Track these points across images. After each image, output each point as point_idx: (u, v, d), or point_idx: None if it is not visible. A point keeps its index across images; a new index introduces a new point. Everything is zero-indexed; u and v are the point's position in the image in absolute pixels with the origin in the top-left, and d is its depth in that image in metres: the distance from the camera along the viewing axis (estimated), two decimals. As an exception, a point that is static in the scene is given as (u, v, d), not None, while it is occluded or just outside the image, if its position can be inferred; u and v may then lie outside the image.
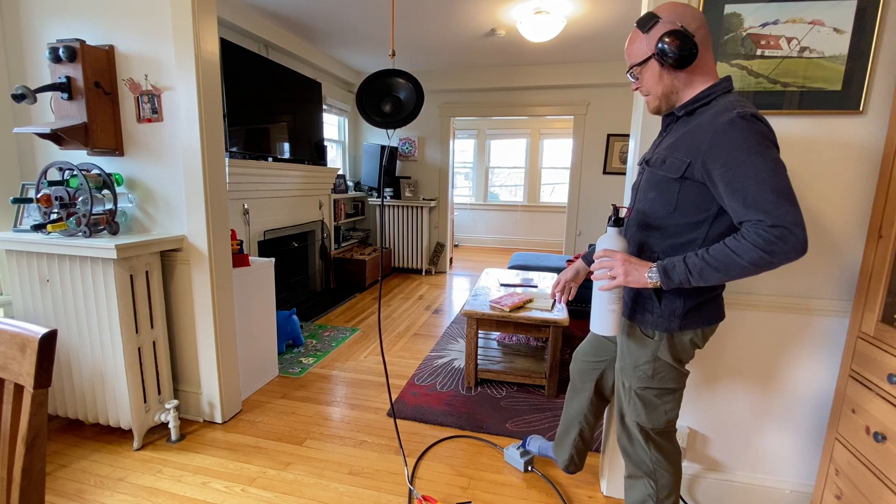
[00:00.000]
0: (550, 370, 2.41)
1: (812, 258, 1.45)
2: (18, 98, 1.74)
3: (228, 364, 2.14)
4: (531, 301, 2.60)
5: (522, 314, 2.40)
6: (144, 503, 1.62)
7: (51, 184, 1.84)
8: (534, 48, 4.09)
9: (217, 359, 2.06)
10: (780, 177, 0.91)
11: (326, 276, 4.49)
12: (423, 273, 5.54)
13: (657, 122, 1.47)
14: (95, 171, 1.86)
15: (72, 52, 1.76)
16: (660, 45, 0.99)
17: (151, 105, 1.91)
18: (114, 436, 2.00)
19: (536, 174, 7.63)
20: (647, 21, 1.03)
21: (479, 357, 2.70)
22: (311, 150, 3.98)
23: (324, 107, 4.59)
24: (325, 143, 4.27)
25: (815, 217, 1.43)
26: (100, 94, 1.86)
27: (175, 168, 1.94)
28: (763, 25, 1.35)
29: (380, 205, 5.34)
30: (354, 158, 5.55)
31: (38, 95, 1.84)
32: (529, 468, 1.83)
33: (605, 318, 1.15)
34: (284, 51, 3.78)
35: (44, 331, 0.72)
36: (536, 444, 1.83)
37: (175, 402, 1.97)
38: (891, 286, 1.24)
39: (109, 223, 1.88)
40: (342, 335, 3.31)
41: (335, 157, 5.24)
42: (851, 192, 1.39)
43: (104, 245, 1.70)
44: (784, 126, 1.40)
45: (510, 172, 7.85)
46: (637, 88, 1.12)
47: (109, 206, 1.90)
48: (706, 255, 0.97)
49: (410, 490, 1.71)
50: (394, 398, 2.39)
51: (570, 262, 3.93)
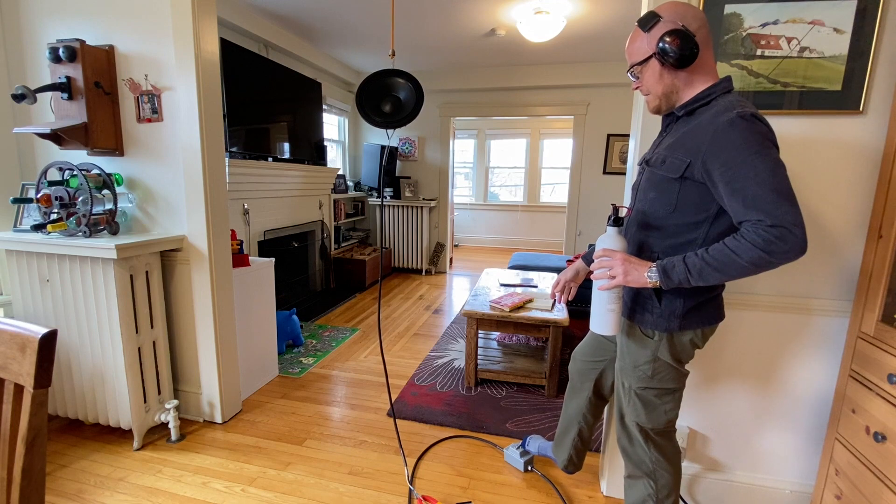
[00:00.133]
0: (550, 370, 2.41)
1: (812, 258, 1.45)
2: (18, 98, 1.75)
3: (228, 364, 2.14)
4: (531, 301, 2.60)
5: (522, 314, 2.40)
6: (144, 503, 1.62)
7: (51, 184, 1.84)
8: (534, 48, 4.09)
9: (217, 359, 2.06)
10: (780, 177, 0.91)
11: (326, 276, 4.49)
12: (423, 273, 5.53)
13: (657, 122, 1.47)
14: (95, 171, 1.86)
15: (72, 52, 1.76)
16: (661, 45, 0.99)
17: (151, 105, 1.91)
18: (114, 436, 2.00)
19: (536, 174, 7.63)
20: (649, 20, 1.03)
21: (479, 357, 2.70)
22: (311, 150, 3.98)
23: (324, 107, 4.59)
24: (325, 143, 4.27)
25: (816, 217, 1.43)
26: (100, 94, 1.86)
27: (175, 168, 1.94)
28: (763, 25, 1.35)
29: (380, 205, 5.34)
30: (354, 158, 5.55)
31: (38, 95, 1.84)
32: (529, 468, 1.83)
33: (605, 318, 1.14)
34: (284, 51, 3.78)
35: (44, 331, 0.72)
36: (536, 444, 1.83)
37: (175, 402, 1.97)
38: (891, 286, 1.24)
39: (109, 223, 1.88)
40: (342, 335, 3.31)
41: (335, 157, 5.24)
42: (851, 192, 1.39)
43: (104, 245, 1.70)
44: (784, 126, 1.40)
45: (510, 172, 7.84)
46: (637, 87, 1.12)
47: (109, 206, 1.90)
48: (706, 255, 0.97)
49: (410, 490, 1.71)
50: (394, 398, 2.39)
51: (570, 263, 3.93)
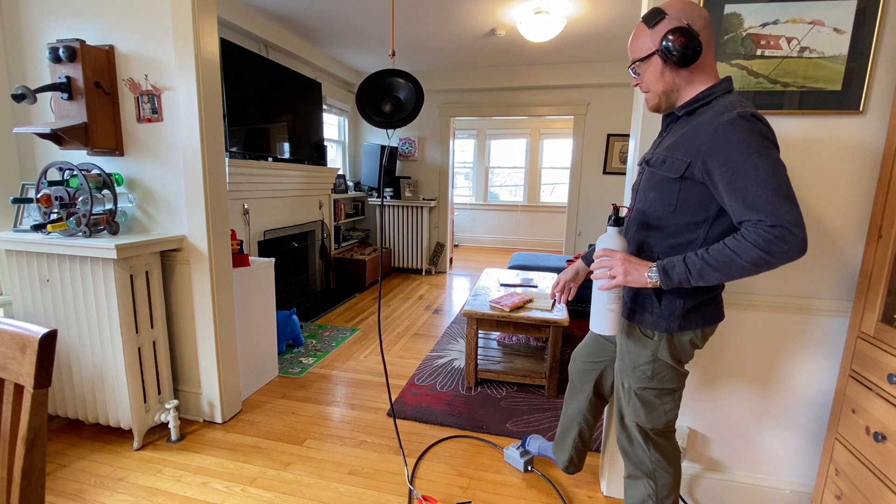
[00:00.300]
0: (550, 370, 2.41)
1: (812, 258, 1.45)
2: (18, 98, 1.74)
3: (228, 364, 2.14)
4: (531, 301, 2.60)
5: (522, 314, 2.40)
6: (144, 503, 1.62)
7: (51, 184, 1.84)
8: (534, 48, 4.09)
9: (217, 359, 2.06)
10: (781, 177, 0.91)
11: (326, 276, 4.49)
12: (423, 273, 5.53)
13: (657, 122, 1.47)
14: (95, 171, 1.86)
15: (72, 52, 1.76)
16: (664, 42, 0.99)
17: (151, 105, 1.91)
18: (114, 436, 2.00)
19: (536, 174, 7.62)
20: (654, 16, 1.02)
21: (479, 357, 2.70)
22: (311, 150, 3.98)
23: (324, 107, 4.59)
24: (325, 143, 4.27)
25: (816, 217, 1.43)
26: (100, 94, 1.86)
27: (175, 168, 1.94)
28: (763, 25, 1.35)
29: (380, 205, 5.35)
30: (354, 158, 5.55)
31: (38, 95, 1.84)
32: (529, 468, 1.83)
33: (605, 318, 1.14)
34: (284, 51, 3.78)
35: (44, 331, 0.72)
36: (536, 444, 1.83)
37: (175, 402, 1.97)
38: (891, 286, 1.24)
39: (109, 223, 1.88)
40: (342, 335, 3.31)
41: (335, 157, 5.24)
42: (851, 192, 1.39)
43: (104, 245, 1.70)
44: (784, 126, 1.40)
45: (510, 172, 7.84)
46: (638, 84, 1.11)
47: (109, 206, 1.90)
48: (706, 255, 0.97)
49: (410, 490, 1.71)
50: (394, 398, 2.39)
51: (570, 263, 3.93)
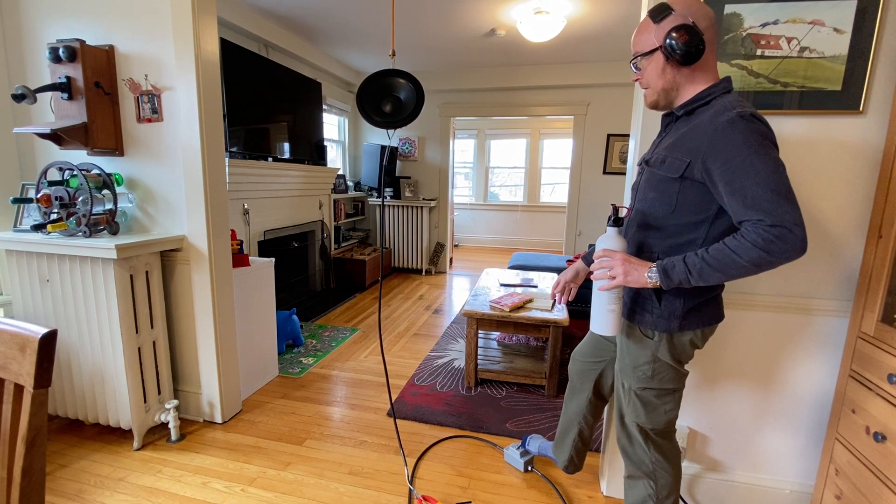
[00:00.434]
0: (550, 370, 2.41)
1: (812, 258, 1.45)
2: (18, 98, 1.74)
3: (228, 364, 2.14)
4: (531, 301, 2.60)
5: (522, 314, 2.40)
6: (144, 503, 1.62)
7: (51, 184, 1.84)
8: (534, 48, 4.09)
9: (217, 359, 2.06)
10: (780, 176, 0.91)
11: (326, 276, 4.49)
12: (423, 273, 5.53)
13: (657, 122, 1.47)
14: (95, 171, 1.86)
15: (72, 52, 1.76)
16: (668, 39, 0.99)
17: (151, 105, 1.91)
18: (114, 436, 2.00)
19: (536, 174, 7.62)
20: (660, 12, 1.02)
21: (479, 357, 2.70)
22: (311, 150, 3.98)
23: (324, 107, 4.59)
24: (325, 143, 4.27)
25: (816, 217, 1.43)
26: (100, 94, 1.86)
27: (175, 168, 1.94)
28: (763, 25, 1.35)
29: (380, 205, 5.35)
30: (354, 158, 5.55)
31: (38, 95, 1.84)
32: (529, 468, 1.83)
33: (605, 318, 1.14)
34: (284, 51, 3.78)
35: (44, 331, 0.72)
36: (536, 444, 1.83)
37: (175, 402, 1.97)
38: (891, 286, 1.24)
39: (109, 223, 1.88)
40: (342, 335, 3.31)
41: (335, 157, 5.24)
42: (851, 192, 1.39)
43: (104, 245, 1.70)
44: (784, 126, 1.40)
45: (510, 172, 7.84)
46: (638, 80, 1.11)
47: (109, 206, 1.90)
48: (706, 255, 0.97)
49: (410, 490, 1.71)
50: (394, 398, 2.39)
51: (571, 263, 3.93)
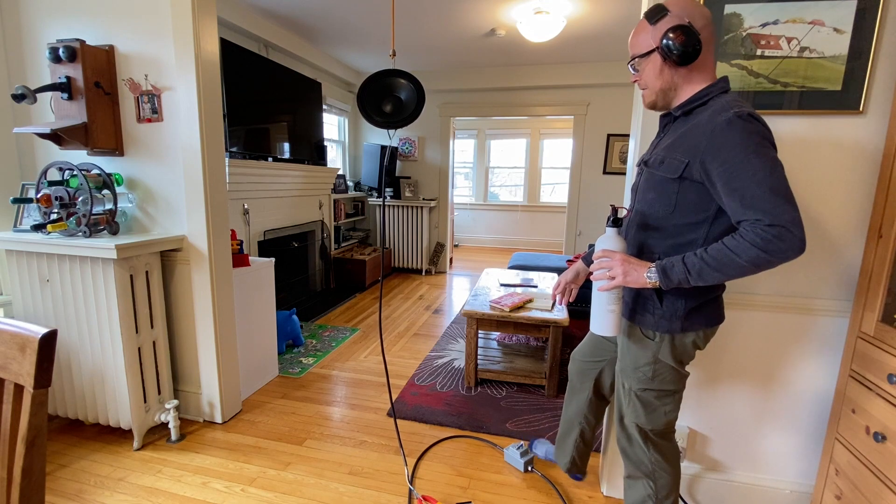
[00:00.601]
0: (550, 370, 2.41)
1: (812, 258, 1.45)
2: (18, 98, 1.74)
3: (228, 364, 2.14)
4: (531, 301, 2.60)
5: (522, 314, 2.40)
6: (144, 503, 1.62)
7: (51, 184, 1.84)
8: (534, 48, 4.09)
9: (217, 359, 2.06)
10: (778, 176, 0.91)
11: (326, 276, 4.49)
12: (423, 273, 5.53)
13: (657, 122, 1.46)
14: (95, 171, 1.86)
15: (72, 52, 1.76)
16: (665, 40, 0.99)
17: (151, 105, 1.91)
18: (114, 436, 2.00)
19: (536, 174, 7.62)
20: (656, 13, 1.02)
21: (479, 357, 2.70)
22: (311, 150, 3.98)
23: (324, 107, 4.59)
24: (325, 143, 4.27)
25: (815, 217, 1.43)
26: (100, 94, 1.86)
27: (175, 168, 1.94)
28: (763, 25, 1.35)
29: (380, 205, 5.35)
30: (354, 158, 5.55)
31: (38, 95, 1.84)
32: (529, 468, 1.83)
33: (605, 319, 1.14)
34: (284, 51, 3.78)
35: (44, 331, 0.72)
36: (543, 449, 1.83)
37: (175, 402, 1.97)
38: (891, 286, 1.24)
39: (109, 223, 1.88)
40: (342, 335, 3.31)
41: (335, 157, 5.24)
42: (851, 192, 1.39)
43: (104, 245, 1.70)
44: (784, 126, 1.40)
45: (510, 172, 7.84)
46: (636, 81, 1.11)
47: (109, 206, 1.90)
48: (705, 255, 0.97)
49: (410, 490, 1.71)
50: (394, 398, 2.39)
51: (571, 263, 3.93)
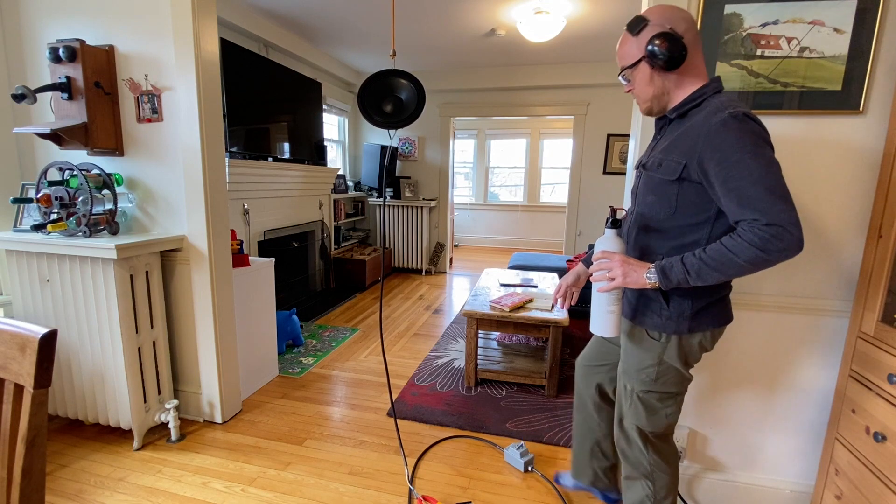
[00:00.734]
0: (550, 370, 2.41)
1: (812, 258, 1.45)
2: (18, 98, 1.74)
3: (228, 364, 2.14)
4: (531, 301, 2.60)
5: (522, 314, 2.40)
6: (144, 503, 1.62)
7: (51, 184, 1.84)
8: (534, 48, 4.09)
9: (217, 359, 2.06)
10: (774, 175, 0.91)
11: (326, 276, 4.49)
12: (423, 273, 5.53)
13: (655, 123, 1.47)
14: (95, 171, 1.86)
15: (72, 52, 1.76)
16: (649, 48, 1.00)
17: (151, 105, 1.91)
18: (114, 436, 2.00)
19: (536, 174, 7.62)
20: (637, 24, 1.04)
21: (479, 357, 2.70)
22: (311, 150, 3.98)
23: (324, 107, 4.59)
24: (325, 143, 4.27)
25: (815, 217, 1.43)
26: (100, 94, 1.86)
27: (175, 168, 1.94)
28: (763, 25, 1.35)
29: (380, 205, 5.36)
30: (354, 158, 5.55)
31: (38, 95, 1.84)
32: (529, 468, 1.83)
33: (605, 320, 1.15)
34: (284, 51, 3.78)
35: (44, 331, 0.72)
36: (572, 482, 1.68)
37: (175, 402, 1.97)
38: (891, 286, 1.24)
39: (109, 223, 1.88)
40: (342, 335, 3.31)
41: (335, 157, 5.24)
42: (851, 192, 1.39)
43: (104, 245, 1.70)
44: (784, 126, 1.40)
45: (510, 172, 7.84)
46: (629, 91, 1.13)
47: (109, 206, 1.90)
48: (703, 255, 0.97)
49: (410, 490, 1.71)
50: (394, 398, 2.39)
51: (571, 263, 3.93)
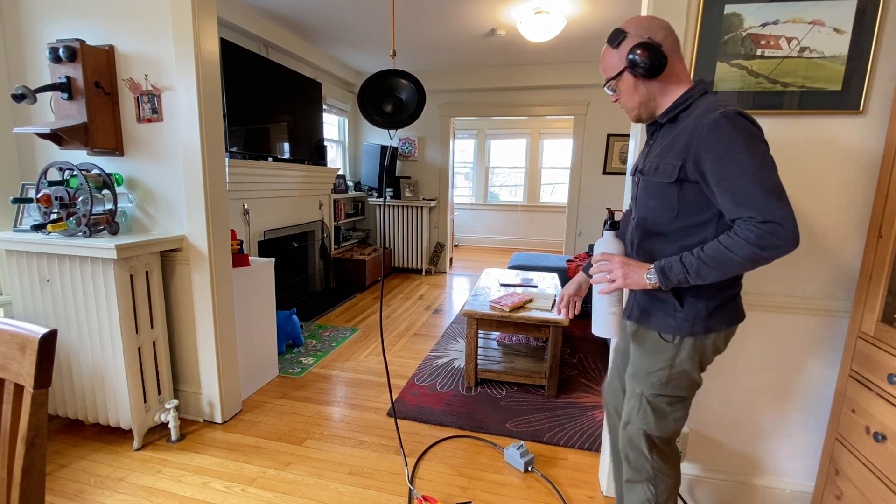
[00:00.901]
0: (550, 370, 2.41)
1: (812, 258, 1.45)
2: (18, 98, 1.74)
3: (228, 364, 2.14)
4: (531, 301, 2.60)
5: (522, 314, 2.40)
6: (144, 503, 1.62)
7: (51, 184, 1.84)
8: (534, 48, 4.09)
9: (217, 359, 2.06)
10: (767, 172, 0.92)
11: (326, 276, 4.49)
12: (423, 273, 5.53)
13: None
14: (95, 171, 1.86)
15: (72, 52, 1.76)
16: (630, 57, 1.04)
17: (151, 105, 1.91)
18: (114, 436, 2.00)
19: (536, 174, 7.62)
20: (616, 37, 1.08)
21: (479, 357, 2.70)
22: (311, 150, 3.98)
23: (324, 107, 4.59)
24: (325, 143, 4.27)
25: (816, 217, 1.43)
26: (100, 94, 1.86)
27: (175, 168, 1.94)
28: (763, 25, 1.35)
29: (381, 205, 5.36)
30: (354, 158, 5.55)
31: (38, 95, 1.84)
32: (529, 468, 1.83)
33: (606, 321, 1.15)
34: (284, 51, 3.78)
35: (44, 331, 0.72)
36: None
37: (175, 402, 1.97)
38: (891, 286, 1.24)
39: (109, 223, 1.88)
40: (342, 335, 3.31)
41: (335, 157, 5.24)
42: (851, 192, 1.39)
43: (104, 245, 1.70)
44: (784, 126, 1.40)
45: (510, 172, 7.84)
46: (616, 100, 1.17)
47: (109, 206, 1.90)
48: (702, 254, 0.98)
49: (410, 490, 1.71)
50: (394, 398, 2.39)
51: (571, 263, 3.93)
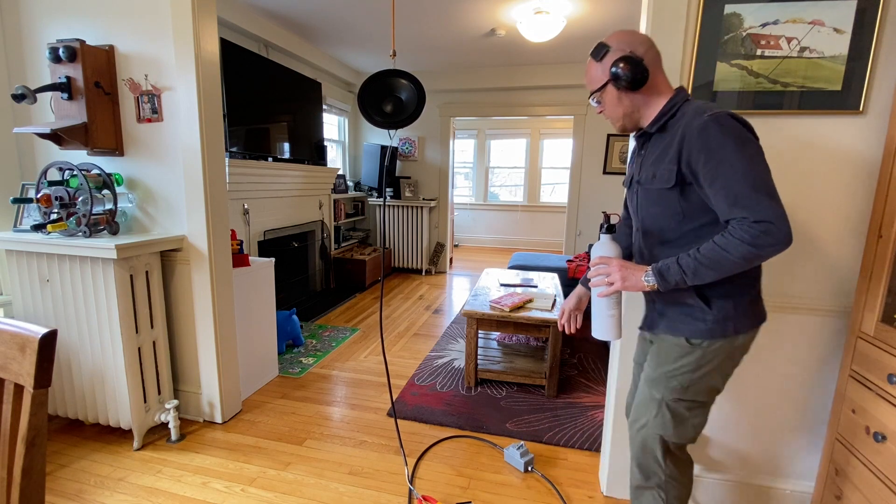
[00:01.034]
0: (550, 370, 2.41)
1: (812, 258, 1.45)
2: (18, 98, 1.74)
3: (228, 364, 2.14)
4: (531, 301, 2.60)
5: (522, 314, 2.40)
6: (144, 503, 1.62)
7: (51, 184, 1.84)
8: (534, 48, 4.09)
9: (217, 359, 2.06)
10: (758, 172, 0.93)
11: (326, 276, 4.49)
12: (423, 273, 5.53)
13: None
14: (95, 171, 1.86)
15: (72, 52, 1.76)
16: (613, 70, 1.06)
17: (151, 105, 1.91)
18: (114, 436, 2.00)
19: (536, 174, 7.62)
20: (599, 51, 1.11)
21: (479, 357, 2.70)
22: (311, 150, 3.98)
23: (324, 107, 4.59)
24: (325, 143, 4.27)
25: (815, 216, 1.43)
26: (100, 94, 1.86)
27: (175, 168, 1.94)
28: (763, 25, 1.35)
29: (381, 205, 5.36)
30: (354, 158, 5.55)
31: (38, 95, 1.84)
32: (529, 468, 1.83)
33: (606, 324, 1.16)
34: (284, 51, 3.78)
35: (44, 331, 0.72)
36: None
37: (175, 402, 1.97)
38: (891, 286, 1.24)
39: (109, 223, 1.88)
40: (342, 335, 3.31)
41: (335, 157, 5.24)
42: (851, 192, 1.39)
43: (104, 245, 1.70)
44: (784, 126, 1.40)
45: (510, 172, 7.84)
46: (601, 112, 1.18)
47: (109, 206, 1.90)
48: (698, 255, 0.99)
49: (410, 490, 1.71)
50: (394, 398, 2.39)
51: (570, 263, 3.93)
